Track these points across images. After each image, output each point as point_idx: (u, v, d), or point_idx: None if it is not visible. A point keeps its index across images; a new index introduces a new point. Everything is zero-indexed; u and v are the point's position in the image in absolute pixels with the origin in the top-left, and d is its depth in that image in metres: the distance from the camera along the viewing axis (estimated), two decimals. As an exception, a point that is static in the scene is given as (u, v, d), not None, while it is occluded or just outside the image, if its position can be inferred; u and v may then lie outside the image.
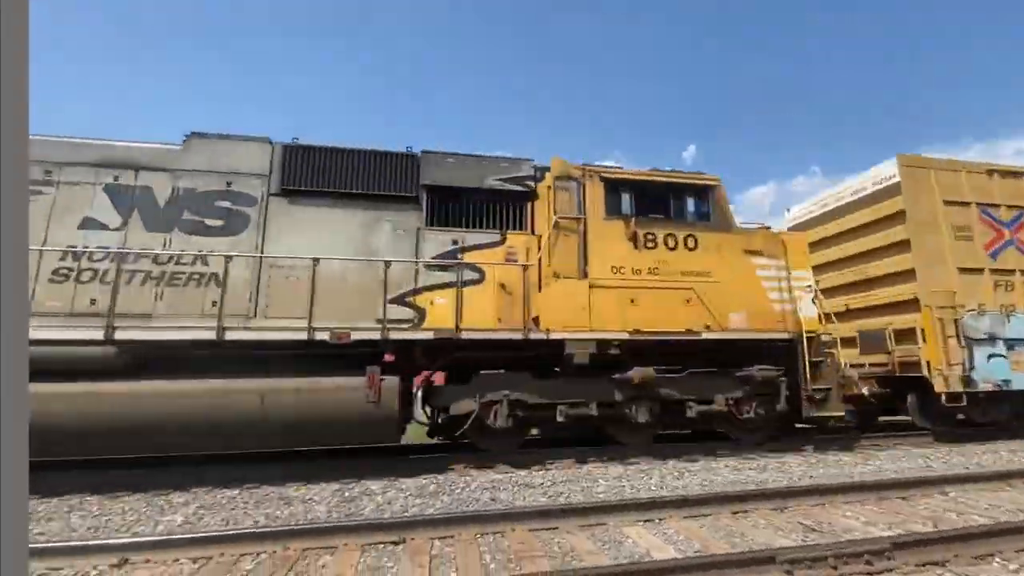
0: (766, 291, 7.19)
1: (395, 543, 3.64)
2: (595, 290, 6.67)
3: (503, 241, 6.85)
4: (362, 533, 3.70)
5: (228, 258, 5.95)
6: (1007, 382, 7.78)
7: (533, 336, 6.40)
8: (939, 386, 7.56)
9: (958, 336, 7.74)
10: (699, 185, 7.30)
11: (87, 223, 6.03)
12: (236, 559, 3.43)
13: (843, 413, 7.36)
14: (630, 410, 6.73)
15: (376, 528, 3.77)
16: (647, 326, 6.69)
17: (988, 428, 8.12)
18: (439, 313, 6.40)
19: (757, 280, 7.20)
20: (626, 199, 7.02)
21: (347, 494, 5.13)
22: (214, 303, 6.01)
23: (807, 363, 7.04)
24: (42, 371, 4.94)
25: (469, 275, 6.63)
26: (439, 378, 7.07)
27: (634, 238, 6.92)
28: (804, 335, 7.09)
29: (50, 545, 3.54)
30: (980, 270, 8.15)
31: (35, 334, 5.15)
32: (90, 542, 3.60)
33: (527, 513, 4.07)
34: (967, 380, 7.63)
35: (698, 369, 6.98)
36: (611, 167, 7.35)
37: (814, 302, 7.67)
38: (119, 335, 5.52)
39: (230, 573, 3.25)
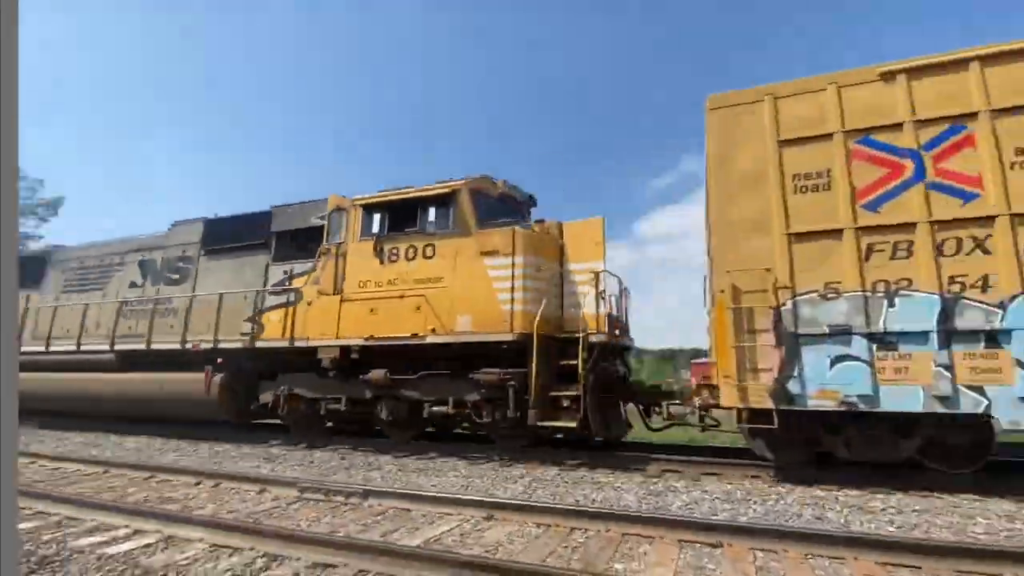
0: (496, 292, 6.84)
1: (712, 545, 3.48)
2: (345, 303, 7.80)
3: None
4: (676, 528, 3.70)
5: (158, 300, 9.77)
6: (868, 399, 5.09)
7: (297, 344, 8.04)
8: (728, 399, 5.58)
9: (775, 332, 5.51)
10: (440, 195, 7.47)
11: (131, 284, 10.74)
12: (569, 531, 3.79)
13: (573, 425, 6.21)
14: (377, 408, 7.56)
15: (690, 526, 3.71)
16: (379, 332, 7.42)
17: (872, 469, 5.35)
18: (270, 328, 8.70)
19: (489, 281, 6.91)
20: (376, 219, 7.85)
21: (651, 487, 5.29)
22: (171, 326, 9.87)
23: (535, 367, 6.43)
24: (91, 367, 9.61)
25: (294, 297, 8.72)
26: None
27: (380, 254, 7.71)
28: (535, 336, 6.48)
29: (442, 495, 4.58)
30: (836, 232, 5.44)
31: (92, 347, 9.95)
32: (468, 497, 4.50)
33: (875, 542, 3.36)
34: (783, 394, 5.38)
35: (433, 372, 7.24)
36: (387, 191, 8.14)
37: (599, 299, 6.83)
38: (117, 347, 9.86)
39: (566, 542, 3.59)
